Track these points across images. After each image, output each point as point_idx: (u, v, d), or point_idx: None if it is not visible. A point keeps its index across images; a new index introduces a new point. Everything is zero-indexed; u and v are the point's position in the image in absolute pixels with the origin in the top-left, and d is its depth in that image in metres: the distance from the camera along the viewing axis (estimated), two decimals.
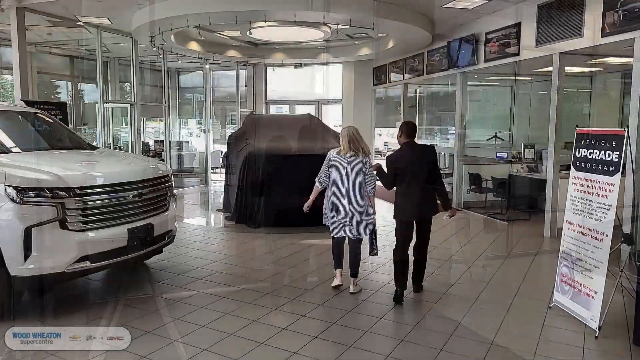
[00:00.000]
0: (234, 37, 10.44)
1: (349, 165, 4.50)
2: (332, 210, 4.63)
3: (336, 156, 4.62)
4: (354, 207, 4.53)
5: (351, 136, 4.58)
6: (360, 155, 4.56)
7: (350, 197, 4.50)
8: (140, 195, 4.37)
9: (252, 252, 6.10)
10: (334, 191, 4.62)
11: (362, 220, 4.60)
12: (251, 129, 8.70)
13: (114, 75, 12.99)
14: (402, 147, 4.41)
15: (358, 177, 4.52)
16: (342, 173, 4.53)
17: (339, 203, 4.57)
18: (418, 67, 10.86)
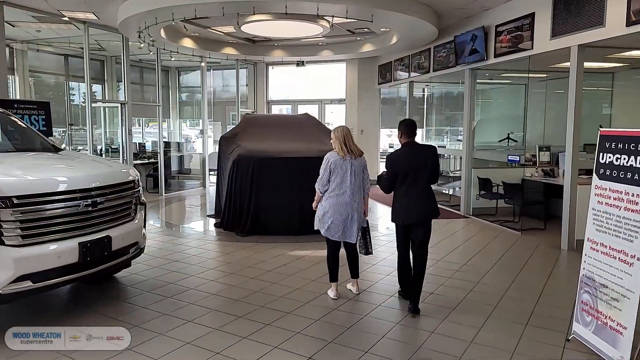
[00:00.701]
0: (229, 34, 9.92)
1: (351, 167, 4.31)
2: (334, 215, 4.29)
3: (338, 159, 4.30)
4: (357, 210, 4.35)
5: (347, 137, 4.34)
6: (357, 155, 4.36)
7: (355, 200, 4.32)
8: (95, 205, 3.84)
9: (235, 264, 5.54)
10: (336, 196, 4.30)
11: (359, 222, 4.41)
12: (243, 129, 8.17)
13: (110, 75, 12.60)
14: (403, 147, 4.21)
15: (359, 179, 4.37)
16: (346, 177, 4.29)
17: (343, 208, 4.30)
18: (424, 64, 10.24)
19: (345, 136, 4.33)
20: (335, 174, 4.29)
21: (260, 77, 13.59)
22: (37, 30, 9.38)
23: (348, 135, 4.35)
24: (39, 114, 7.67)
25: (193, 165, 12.80)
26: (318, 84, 13.36)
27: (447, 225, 7.83)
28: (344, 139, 4.32)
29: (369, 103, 12.72)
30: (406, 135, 4.15)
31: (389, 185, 4.18)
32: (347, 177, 4.27)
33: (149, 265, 5.38)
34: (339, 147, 4.31)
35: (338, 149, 4.31)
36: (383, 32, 9.86)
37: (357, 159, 4.35)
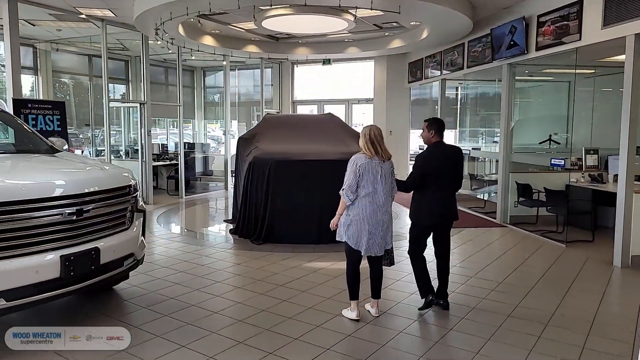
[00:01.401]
0: (251, 30, 9.52)
1: (382, 171, 3.84)
2: (363, 225, 3.81)
3: (367, 162, 3.81)
4: (388, 220, 3.92)
5: (377, 137, 3.86)
6: (386, 158, 3.89)
7: (387, 208, 3.90)
8: (80, 213, 3.44)
9: (245, 277, 5.08)
10: (366, 203, 3.81)
11: (390, 230, 3.97)
12: (263, 130, 7.72)
13: (134, 75, 12.46)
14: (433, 147, 4.07)
15: (389, 184, 3.92)
16: (378, 182, 3.83)
17: (374, 217, 3.82)
18: (457, 61, 9.55)
19: (375, 136, 3.83)
20: (364, 178, 3.80)
21: (285, 76, 13.18)
22: (57, 30, 9.26)
23: (378, 136, 3.85)
24: (54, 113, 7.48)
25: (216, 167, 12.49)
26: (345, 83, 12.83)
27: (482, 235, 7.15)
28: (374, 139, 3.82)
29: (399, 103, 12.08)
30: (438, 134, 4.05)
31: (413, 185, 4.04)
32: (378, 182, 3.81)
33: (152, 277, 4.99)
34: (366, 146, 3.83)
35: (365, 149, 3.83)
36: (413, 26, 9.25)
37: (387, 162, 3.87)
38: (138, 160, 9.52)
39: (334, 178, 4.44)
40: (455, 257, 5.89)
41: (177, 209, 9.25)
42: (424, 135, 4.12)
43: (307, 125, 7.99)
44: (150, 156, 9.62)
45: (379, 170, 3.81)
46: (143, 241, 4.29)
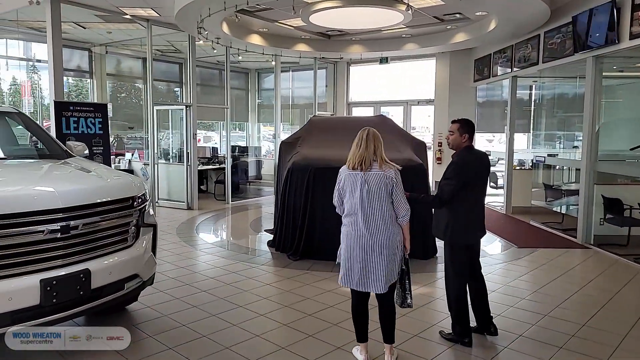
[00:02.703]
0: (300, 28, 8.96)
1: (364, 184, 3.09)
2: (347, 252, 3.15)
3: (346, 172, 3.20)
4: (382, 247, 3.08)
5: (363, 141, 3.15)
6: (384, 167, 3.11)
7: (376, 232, 3.09)
8: (67, 230, 2.97)
9: (272, 301, 4.47)
10: (349, 229, 3.18)
11: (390, 263, 3.10)
12: (307, 133, 7.09)
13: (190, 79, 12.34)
14: (466, 153, 3.50)
15: (380, 201, 3.10)
16: (355, 197, 3.12)
17: (356, 242, 3.13)
18: (531, 55, 8.40)
19: (360, 141, 3.15)
20: (346, 194, 3.19)
21: (340, 77, 12.54)
22: (108, 32, 9.22)
23: (362, 140, 3.14)
24: (96, 116, 7.31)
25: (266, 172, 12.08)
26: (403, 83, 11.94)
27: (559, 258, 6.04)
28: (356, 146, 3.17)
29: (463, 104, 10.98)
30: (470, 137, 3.51)
31: (452, 197, 3.37)
32: (356, 199, 3.09)
33: (170, 296, 4.50)
34: (349, 155, 3.19)
35: (348, 158, 3.20)
36: (479, 17, 8.24)
37: (378, 172, 3.09)
38: (184, 164, 9.25)
39: None
40: (525, 286, 4.90)
41: (220, 215, 8.86)
42: (454, 139, 3.52)
43: (355, 128, 7.18)
44: (196, 160, 9.32)
45: (360, 184, 3.08)
46: (153, 259, 3.79)
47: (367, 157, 3.10)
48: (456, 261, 3.52)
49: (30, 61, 9.49)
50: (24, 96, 9.90)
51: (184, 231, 7.36)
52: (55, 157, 4.04)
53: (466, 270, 3.56)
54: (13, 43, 9.50)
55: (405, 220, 3.16)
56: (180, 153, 10.61)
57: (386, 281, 3.10)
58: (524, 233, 7.55)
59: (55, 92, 6.90)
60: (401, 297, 3.22)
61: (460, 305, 3.52)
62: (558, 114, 10.45)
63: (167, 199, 9.44)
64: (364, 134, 3.18)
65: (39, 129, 4.41)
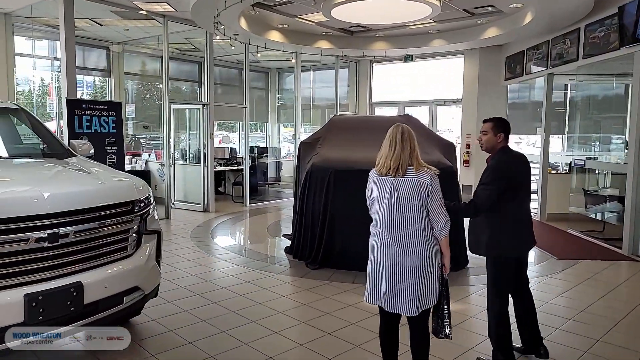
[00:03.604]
0: (321, 23, 8.57)
1: (394, 191, 2.67)
2: (372, 266, 2.76)
3: (373, 177, 2.81)
4: (407, 263, 2.65)
5: (396, 141, 2.69)
6: (419, 172, 2.66)
7: (400, 244, 2.67)
8: (55, 238, 2.63)
9: (288, 317, 4.07)
10: (375, 240, 2.78)
11: (423, 283, 2.65)
12: (327, 133, 6.69)
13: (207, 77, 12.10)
14: (503, 154, 3.11)
15: (412, 211, 2.67)
16: (383, 206, 2.71)
17: (383, 256, 2.71)
18: (570, 51, 7.81)
19: (393, 141, 2.69)
20: (374, 200, 2.80)
21: (363, 76, 12.10)
22: (125, 29, 9.01)
23: (397, 141, 2.68)
24: (110, 115, 7.06)
25: (285, 173, 11.72)
26: (429, 82, 11.43)
27: (604, 272, 5.48)
28: (389, 147, 2.70)
29: (493, 104, 10.40)
30: (506, 137, 3.13)
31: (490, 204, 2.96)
32: (384, 208, 2.69)
33: (178, 308, 4.15)
34: (379, 158, 2.76)
35: (377, 160, 2.77)
36: (513, 10, 7.70)
37: (413, 178, 2.64)
38: (200, 165, 8.97)
39: None
40: (570, 304, 4.38)
41: (237, 219, 8.53)
42: (487, 139, 3.14)
43: (379, 129, 6.69)
44: (213, 161, 9.01)
45: (390, 190, 2.66)
46: (157, 269, 3.43)
47: (403, 162, 2.66)
48: (500, 278, 3.09)
49: (52, 60, 9.34)
50: (50, 97, 9.79)
51: (198, 235, 7.04)
52: (57, 157, 3.74)
53: (510, 288, 3.16)
54: (42, 44, 9.37)
55: (444, 234, 2.71)
56: (198, 154, 10.36)
57: (418, 303, 2.66)
58: (562, 242, 6.98)
59: (67, 90, 6.66)
60: (437, 326, 2.78)
61: (502, 331, 3.09)
62: (597, 115, 9.81)
63: (183, 200, 9.17)
64: (398, 132, 2.72)
65: (42, 127, 4.12)
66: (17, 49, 8.12)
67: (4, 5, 7.32)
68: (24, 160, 3.60)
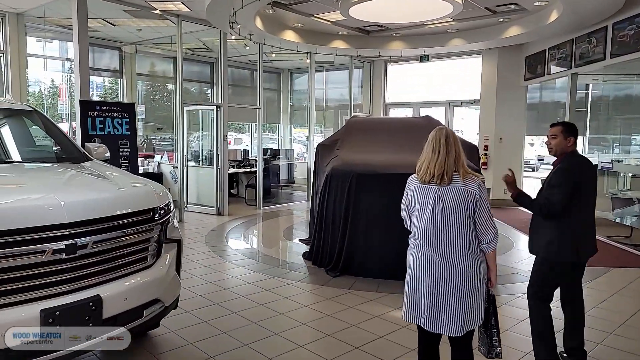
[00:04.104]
0: (338, 23, 8.38)
1: (438, 201, 2.45)
2: (413, 282, 2.52)
3: (414, 184, 2.56)
4: (453, 278, 2.43)
5: (438, 145, 2.47)
6: (467, 179, 2.44)
7: (444, 258, 2.45)
8: (73, 249, 2.46)
9: (309, 328, 3.87)
10: (415, 249, 2.55)
11: (469, 301, 2.44)
12: (346, 135, 6.50)
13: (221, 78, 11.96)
14: (572, 158, 3.12)
15: (458, 223, 2.44)
16: (425, 217, 2.48)
17: (426, 271, 2.48)
18: (596, 50, 7.55)
19: (436, 145, 2.47)
20: (414, 210, 2.55)
21: (377, 76, 11.88)
22: (138, 29, 8.88)
23: (441, 145, 2.46)
24: (123, 116, 6.92)
25: (298, 175, 11.53)
26: (445, 83, 11.19)
27: (638, 281, 5.22)
28: (432, 152, 2.48)
29: (512, 104, 10.15)
30: (575, 140, 3.14)
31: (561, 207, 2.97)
32: (427, 219, 2.46)
33: (197, 319, 3.97)
34: (421, 163, 2.52)
35: (419, 166, 2.53)
36: (537, 8, 7.46)
37: (459, 186, 2.43)
38: (214, 167, 8.81)
39: None
40: (608, 316, 4.14)
41: (251, 222, 8.35)
42: (557, 143, 3.14)
43: (399, 130, 6.59)
44: (227, 163, 8.85)
45: (433, 200, 2.45)
46: (177, 280, 3.26)
47: (449, 168, 2.44)
48: (543, 280, 3.11)
49: (63, 60, 9.24)
50: (61, 98, 9.68)
51: (213, 239, 6.87)
52: (72, 161, 3.58)
53: (551, 296, 3.14)
54: (53, 45, 9.26)
55: (492, 247, 2.50)
56: (211, 155, 10.20)
57: (463, 323, 2.45)
58: None
59: (80, 91, 6.53)
60: (486, 345, 2.56)
61: (544, 346, 3.04)
62: (619, 116, 9.53)
63: (196, 203, 9.01)
64: (441, 136, 2.49)
65: (56, 130, 3.97)
66: (28, 50, 8.01)
67: (17, 5, 7.21)
68: (38, 164, 3.44)
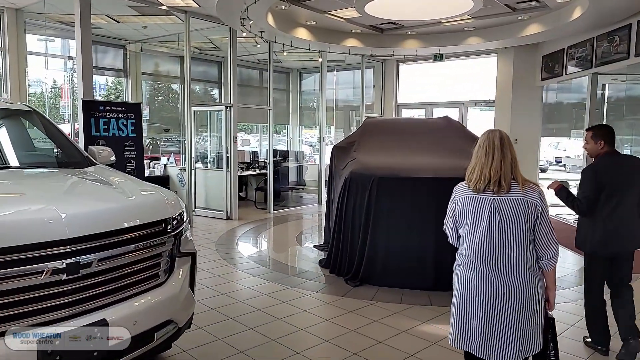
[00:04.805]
0: (351, 20, 8.08)
1: (494, 213, 2.16)
2: (463, 304, 2.21)
3: (466, 196, 2.24)
4: (511, 300, 2.15)
5: (492, 149, 2.18)
6: (526, 188, 2.17)
7: (501, 277, 2.16)
8: (76, 269, 2.16)
9: (333, 347, 3.56)
10: (467, 266, 2.24)
11: (528, 325, 2.16)
12: (362, 137, 6.20)
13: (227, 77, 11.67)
14: (605, 157, 3.33)
15: (517, 238, 2.15)
16: (479, 231, 2.18)
17: (481, 292, 2.18)
18: (619, 49, 7.22)
19: (490, 148, 2.17)
20: (464, 222, 2.27)
21: (389, 76, 11.57)
22: (143, 27, 8.60)
23: (496, 148, 2.16)
24: (128, 117, 6.63)
25: (309, 177, 11.21)
26: (459, 83, 10.86)
27: None
28: (485, 155, 2.18)
29: (528, 105, 9.81)
30: (608, 144, 3.35)
31: (588, 207, 3.25)
32: (481, 233, 2.17)
33: (212, 336, 3.67)
34: (472, 169, 2.22)
35: (469, 173, 2.22)
36: (560, 5, 7.13)
37: (513, 195, 2.15)
38: (223, 169, 8.51)
39: None
40: None
41: (263, 227, 8.04)
42: (590, 148, 3.40)
43: (417, 132, 6.28)
44: (236, 165, 8.55)
45: (487, 212, 2.15)
46: (191, 297, 2.96)
47: (506, 174, 2.15)
48: (589, 273, 3.41)
49: (65, 59, 8.97)
50: (63, 98, 9.42)
51: (223, 246, 6.57)
52: (74, 166, 3.28)
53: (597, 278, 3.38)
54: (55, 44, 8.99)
55: (553, 264, 2.20)
56: (219, 157, 9.90)
57: (519, 349, 2.16)
58: None
59: (84, 90, 6.24)
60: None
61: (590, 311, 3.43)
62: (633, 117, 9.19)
63: (205, 207, 8.71)
64: (495, 138, 2.21)
65: (57, 132, 3.67)
66: (28, 47, 7.72)
67: (16, 0, 6.92)
68: (37, 170, 3.13)
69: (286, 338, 3.65)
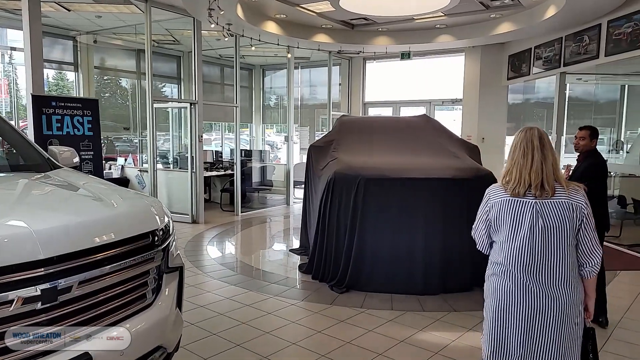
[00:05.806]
0: (323, 14, 7.81)
1: (536, 217, 1.96)
2: (497, 315, 2.00)
3: (504, 198, 2.01)
4: (552, 312, 1.97)
5: (531, 150, 1.98)
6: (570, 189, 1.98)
7: (543, 289, 1.97)
8: (52, 296, 1.76)
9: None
10: (501, 273, 2.03)
11: (570, 338, 1.99)
12: (339, 136, 5.96)
13: (187, 74, 11.10)
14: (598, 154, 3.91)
15: (561, 244, 1.96)
16: (519, 237, 1.98)
17: (520, 304, 1.98)
18: (588, 48, 7.35)
19: (528, 149, 1.98)
20: (500, 228, 2.05)
21: (356, 75, 11.40)
22: (97, 17, 7.95)
23: (535, 148, 1.97)
24: (85, 114, 6.06)
25: (276, 178, 10.85)
26: (426, 81, 10.84)
27: None
28: (523, 156, 1.98)
29: (493, 104, 9.93)
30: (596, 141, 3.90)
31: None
32: (521, 240, 1.97)
33: (199, 357, 3.29)
34: (508, 171, 2.01)
35: (505, 174, 2.02)
36: (534, 3, 7.17)
37: (557, 198, 1.96)
38: (187, 170, 8.01)
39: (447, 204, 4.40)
40: None
41: (232, 230, 7.63)
42: (585, 144, 3.87)
43: (396, 130, 6.10)
44: (202, 166, 8.08)
45: (529, 217, 1.96)
46: (180, 317, 2.58)
47: (548, 176, 1.95)
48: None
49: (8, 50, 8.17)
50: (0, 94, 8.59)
51: (194, 253, 6.13)
52: (32, 169, 2.81)
53: None
54: None
55: (595, 272, 2.02)
56: (181, 157, 9.37)
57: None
58: None
59: (33, 84, 5.62)
60: None
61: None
62: (596, 116, 9.50)
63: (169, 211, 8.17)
64: (534, 137, 2.00)
65: (12, 130, 3.16)
66: None
67: None
68: (6, 174, 2.65)
69: (279, 354, 3.34)
